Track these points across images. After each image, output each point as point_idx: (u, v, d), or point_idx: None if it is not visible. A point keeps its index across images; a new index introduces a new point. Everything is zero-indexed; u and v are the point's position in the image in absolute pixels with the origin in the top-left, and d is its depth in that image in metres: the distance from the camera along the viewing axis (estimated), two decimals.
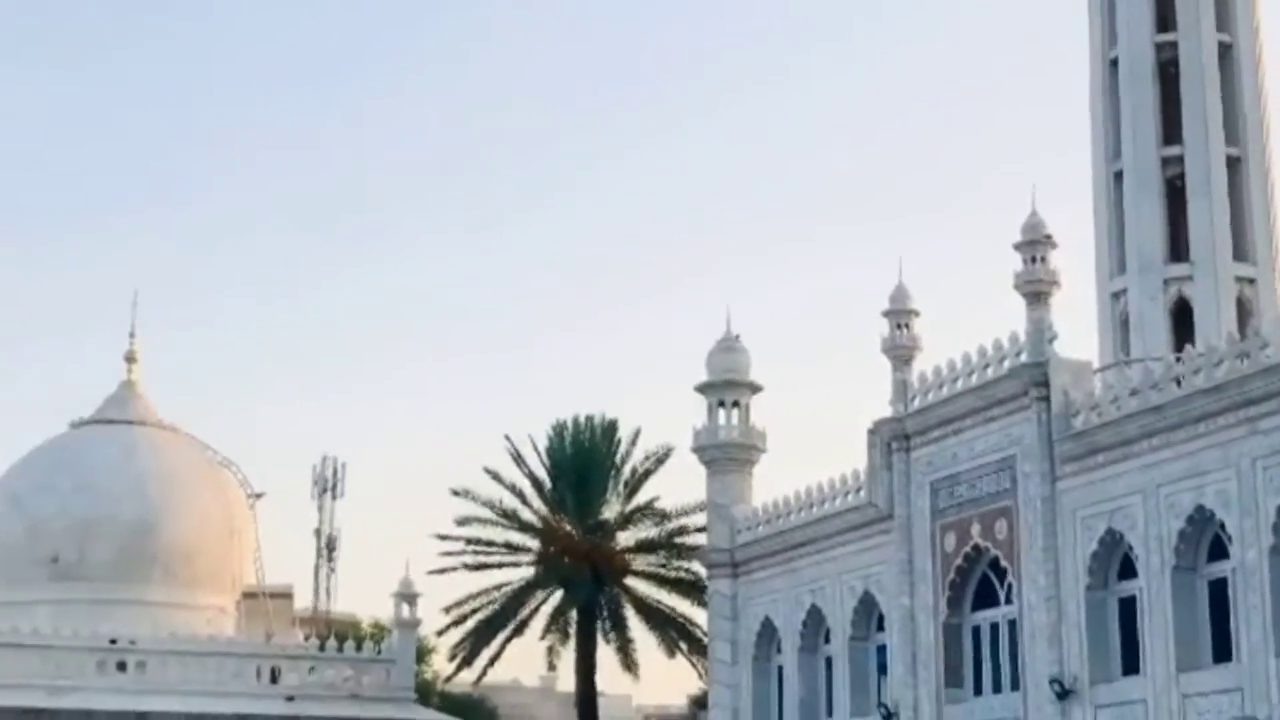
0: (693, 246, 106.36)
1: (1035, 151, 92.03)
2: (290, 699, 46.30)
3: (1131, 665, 30.66)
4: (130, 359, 52.37)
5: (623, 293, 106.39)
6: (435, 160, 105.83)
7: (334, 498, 56.36)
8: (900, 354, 36.64)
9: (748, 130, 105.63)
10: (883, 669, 36.81)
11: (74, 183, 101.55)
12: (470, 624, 50.51)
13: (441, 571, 50.31)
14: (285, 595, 58.51)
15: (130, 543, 48.27)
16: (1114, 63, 39.87)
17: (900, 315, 37.09)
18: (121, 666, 45.55)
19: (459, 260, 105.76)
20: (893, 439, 35.85)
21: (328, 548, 56.21)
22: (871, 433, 36.51)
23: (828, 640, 38.57)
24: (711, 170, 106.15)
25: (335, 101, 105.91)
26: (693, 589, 48.64)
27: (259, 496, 52.54)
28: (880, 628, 37.01)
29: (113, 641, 45.48)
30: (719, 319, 42.74)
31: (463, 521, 50.18)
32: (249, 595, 52.53)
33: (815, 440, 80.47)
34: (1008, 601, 33.34)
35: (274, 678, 47.12)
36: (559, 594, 50.22)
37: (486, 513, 50.45)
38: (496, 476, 50.63)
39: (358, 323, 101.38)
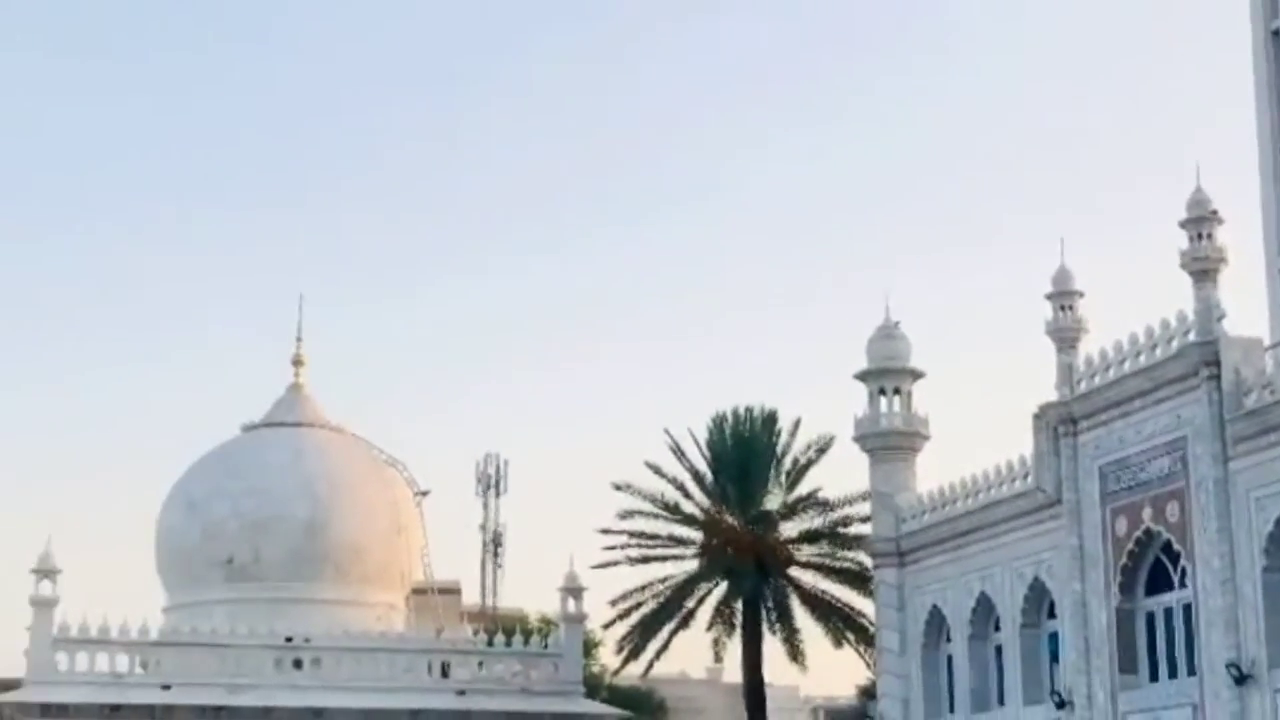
0: (851, 234, 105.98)
1: (1198, 126, 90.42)
2: (461, 693, 46.97)
3: None
4: (297, 362, 53.28)
5: (781, 282, 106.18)
6: (595, 152, 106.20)
7: (498, 494, 57.62)
8: (1065, 336, 36.22)
9: (907, 116, 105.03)
10: (1055, 656, 36.47)
11: (240, 186, 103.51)
12: (636, 617, 50.26)
13: (605, 566, 50.44)
14: (453, 591, 58.77)
15: (302, 542, 49.27)
16: (1276, 33, 39.12)
17: (1064, 297, 36.65)
18: (297, 664, 46.53)
19: (618, 253, 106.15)
20: (1060, 423, 35.43)
21: (493, 543, 57.34)
22: (1037, 417, 36.14)
23: (998, 628, 38.16)
24: (869, 158, 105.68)
25: (493, 93, 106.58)
26: (858, 579, 48.17)
27: (425, 494, 52.91)
28: (1051, 614, 36.62)
29: (288, 640, 46.43)
30: (878, 305, 42.61)
31: (625, 515, 50.07)
32: (417, 591, 52.77)
33: (979, 426, 79.69)
34: (1181, 585, 32.79)
35: (444, 673, 47.78)
36: (723, 586, 49.97)
37: (649, 506, 50.35)
38: (658, 470, 50.48)
39: (518, 318, 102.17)
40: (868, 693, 58.49)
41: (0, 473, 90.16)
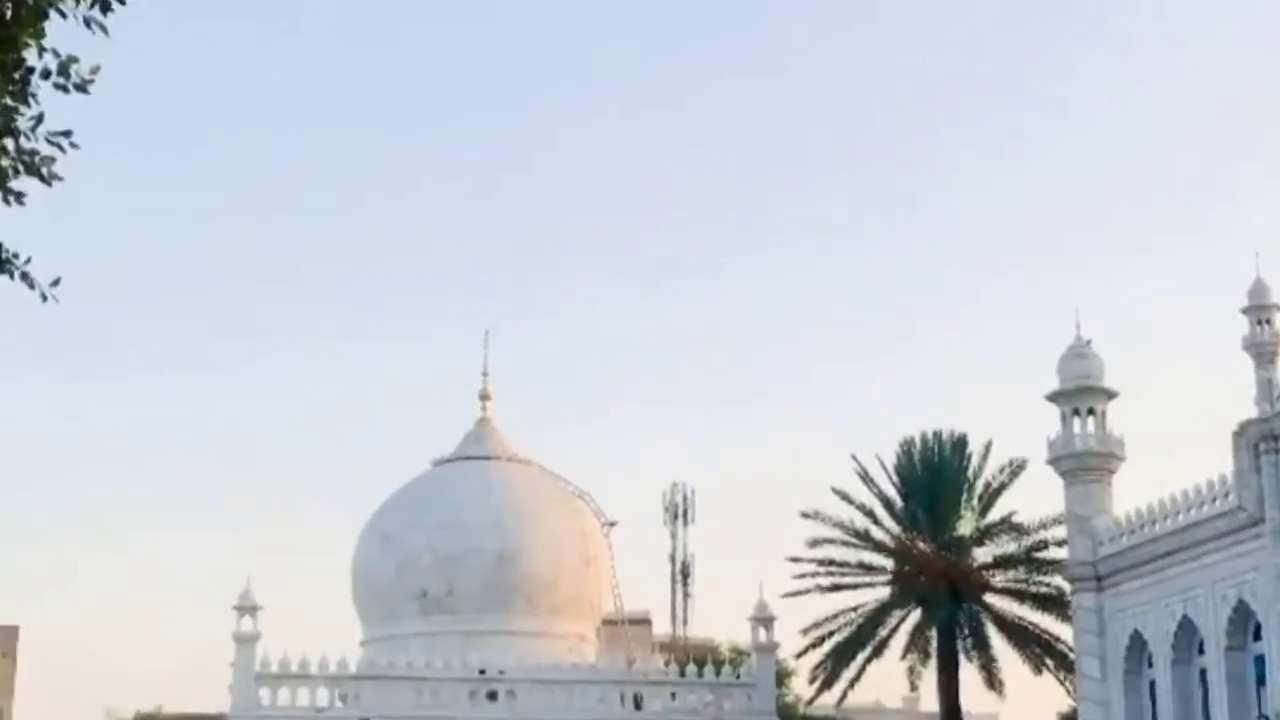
0: (1039, 250, 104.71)
1: None
2: None
3: None
4: (484, 396, 54.25)
5: (969, 302, 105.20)
6: (775, 170, 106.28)
7: (685, 523, 56.54)
8: (1263, 351, 35.59)
9: (1092, 128, 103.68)
10: (1261, 679, 35.83)
11: (423, 223, 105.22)
12: (828, 646, 49.95)
13: (796, 594, 50.00)
14: (643, 621, 59.03)
15: (493, 574, 50.13)
16: None
17: (1260, 311, 36.03)
18: (492, 696, 47.21)
19: (801, 277, 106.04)
20: (1261, 440, 34.84)
21: (682, 573, 56.31)
22: (1237, 435, 35.53)
23: (1201, 651, 37.65)
24: (1055, 173, 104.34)
25: (677, 117, 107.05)
26: (1056, 604, 47.58)
27: (612, 524, 53.53)
28: (1257, 636, 36.02)
29: (482, 672, 47.19)
30: (1068, 323, 42.31)
31: (814, 543, 49.77)
32: (608, 622, 53.36)
33: (1177, 444, 78.22)
34: None
35: (637, 704, 48.00)
36: (917, 613, 49.68)
37: (838, 534, 50.05)
38: (846, 497, 50.17)
39: (702, 345, 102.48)
40: None
41: (202, 513, 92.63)
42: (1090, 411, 41.68)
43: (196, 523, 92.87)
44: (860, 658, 49.26)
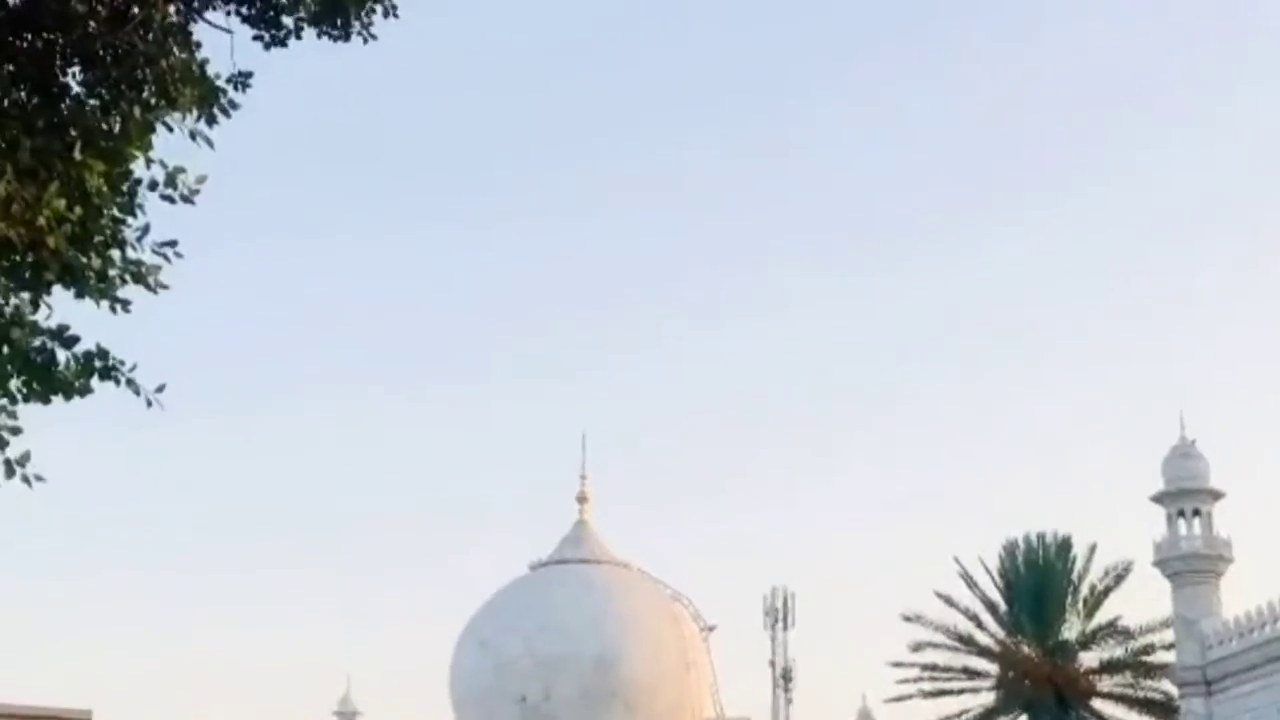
0: (1140, 348, 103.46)
1: None
2: None
3: None
4: (582, 499, 54.46)
5: (1071, 399, 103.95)
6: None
7: (786, 627, 54.62)
8: None
9: (1192, 234, 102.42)
10: None
11: (520, 327, 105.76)
12: None
13: (899, 699, 49.12)
14: None
15: (592, 680, 50.14)
16: None
17: None
18: None
19: (905, 373, 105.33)
20: None
21: (783, 678, 54.54)
22: None
23: None
24: (1159, 277, 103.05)
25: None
26: (1164, 709, 46.33)
27: (712, 629, 53.49)
28: None
29: None
30: (1173, 424, 41.86)
31: (917, 647, 49.12)
32: None
33: None
34: None
35: None
36: None
37: (941, 638, 49.35)
38: (949, 600, 49.54)
39: (799, 447, 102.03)
40: None
41: (301, 617, 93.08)
42: (1196, 513, 41.19)
43: (292, 619, 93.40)
44: None
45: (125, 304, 9.26)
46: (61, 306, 9.31)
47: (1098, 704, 48.38)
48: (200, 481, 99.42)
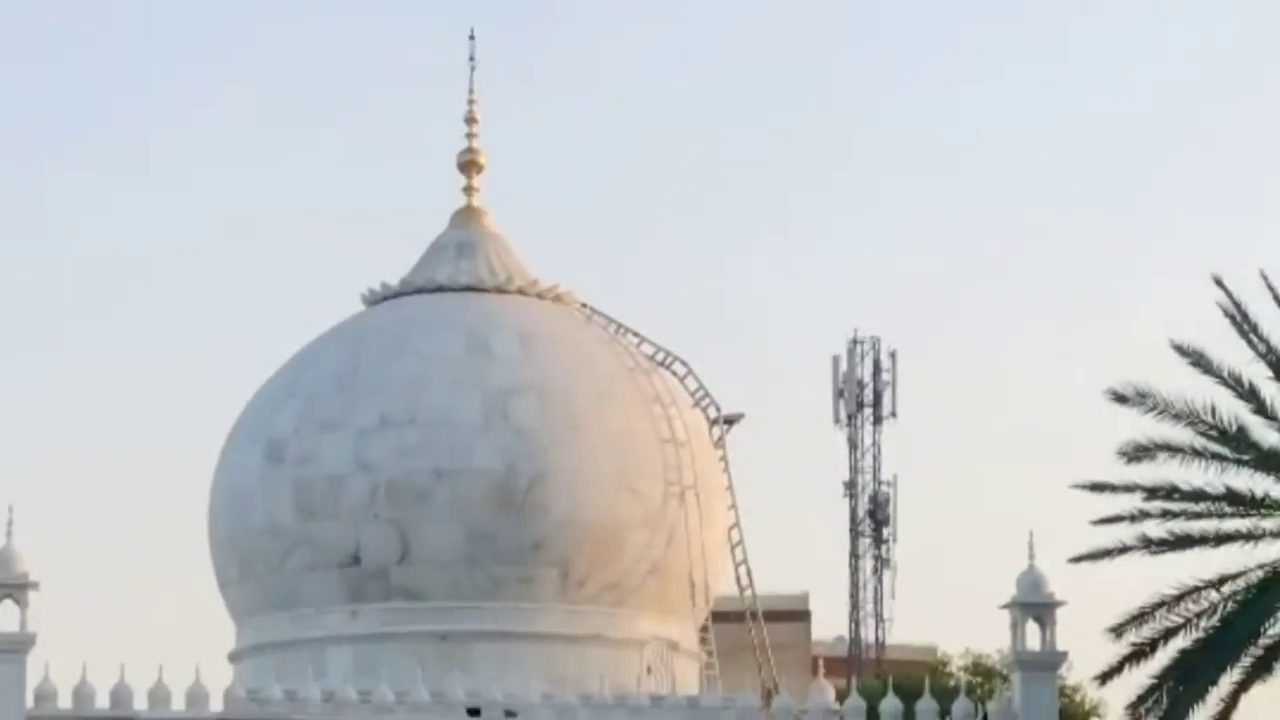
0: None
1: None
2: None
3: None
4: (470, 164, 37.43)
5: None
6: None
7: (876, 421, 46.55)
8: None
9: None
10: None
11: None
12: (1163, 657, 35.09)
13: (1097, 557, 35.18)
14: (795, 616, 47.58)
15: (495, 523, 35.31)
16: None
17: None
18: None
19: None
20: None
21: (872, 518, 44.56)
22: None
23: None
24: None
25: None
26: None
27: (733, 422, 39.96)
28: None
29: (474, 713, 33.13)
30: None
31: (1135, 454, 34.64)
32: (722, 616, 39.00)
33: None
34: None
35: None
36: None
37: (1185, 435, 35.01)
38: (1201, 361, 34.78)
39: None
40: None
41: None
42: None
43: None
44: (1227, 680, 34.82)
45: None
46: None
47: None
48: None
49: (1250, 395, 35.19)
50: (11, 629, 30.12)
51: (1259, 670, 35.00)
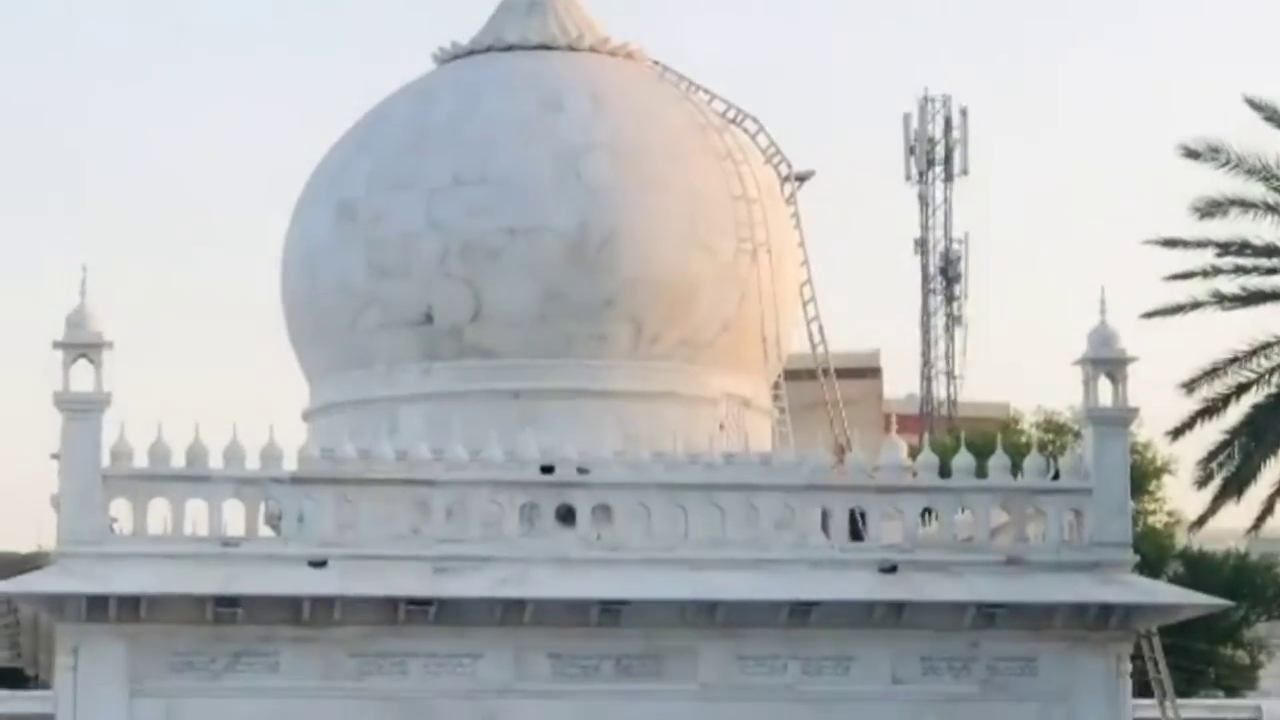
0: None
1: None
2: (889, 570, 30.44)
3: None
4: None
5: None
6: None
7: (948, 179, 44.30)
8: None
9: None
10: None
11: None
12: (1235, 416, 34.68)
13: (1170, 313, 34.36)
14: (866, 374, 46.38)
15: (567, 280, 34.29)
16: None
17: None
18: (565, 515, 30.71)
19: None
20: None
21: (944, 275, 43.27)
22: None
23: None
24: None
25: None
26: None
27: (803, 180, 37.92)
28: None
29: (547, 469, 31.38)
30: None
31: (1208, 209, 33.87)
32: (795, 375, 37.28)
33: None
34: None
35: (855, 530, 31.43)
36: None
37: (1260, 191, 34.13)
38: (1274, 116, 33.60)
39: None
40: None
41: None
42: None
43: None
44: None
45: None
46: None
47: None
48: None
49: None
50: (86, 389, 29.06)
51: None
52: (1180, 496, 46.22)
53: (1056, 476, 31.79)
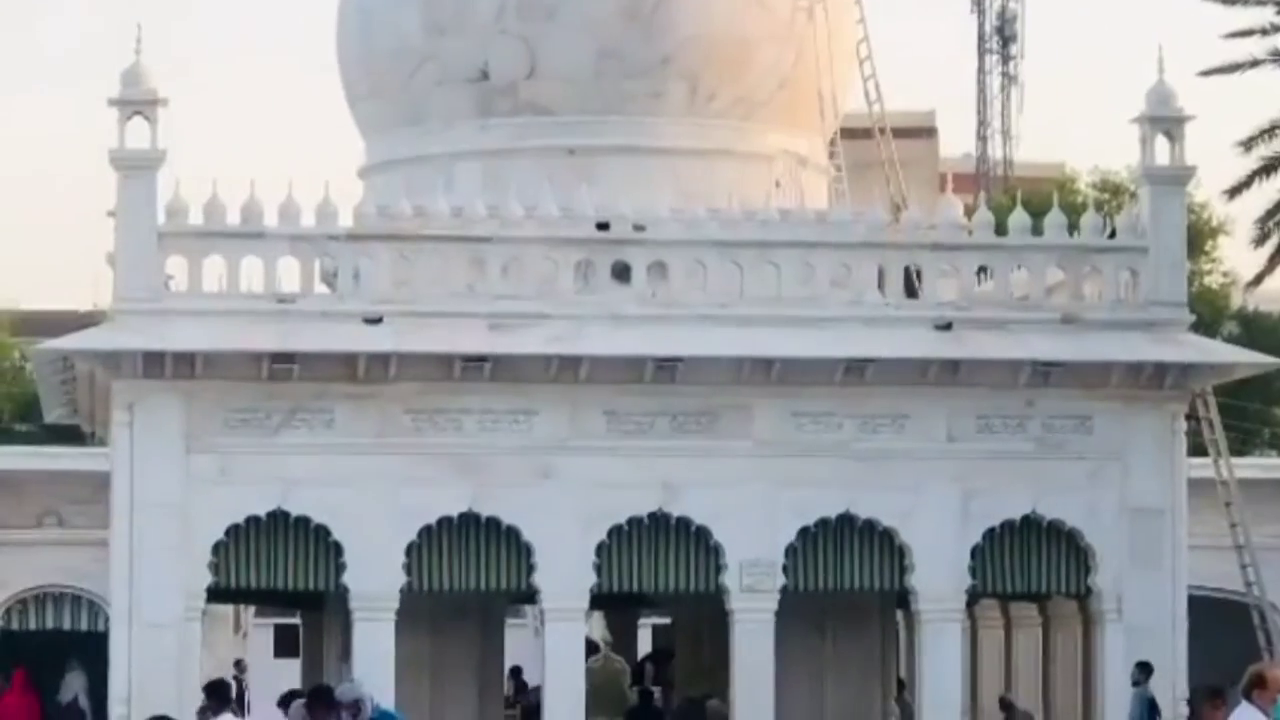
0: None
1: None
2: (945, 327, 29.28)
3: None
4: None
5: None
6: None
7: None
8: None
9: None
10: None
11: None
12: None
13: (1226, 70, 33.11)
14: (922, 133, 44.40)
15: (620, 37, 32.13)
16: None
17: None
18: (621, 272, 29.57)
19: None
20: None
21: (999, 35, 41.93)
22: None
23: None
24: None
25: None
26: None
27: None
28: None
29: (603, 226, 30.14)
30: None
31: None
32: (851, 134, 35.78)
33: None
34: None
35: (910, 287, 30.11)
36: None
37: None
38: None
39: None
40: None
41: None
42: None
43: None
44: None
45: None
46: None
47: None
48: None
49: None
50: (142, 145, 27.89)
51: None
52: (1236, 257, 44.23)
53: (1113, 235, 30.33)
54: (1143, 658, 27.98)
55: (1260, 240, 34.56)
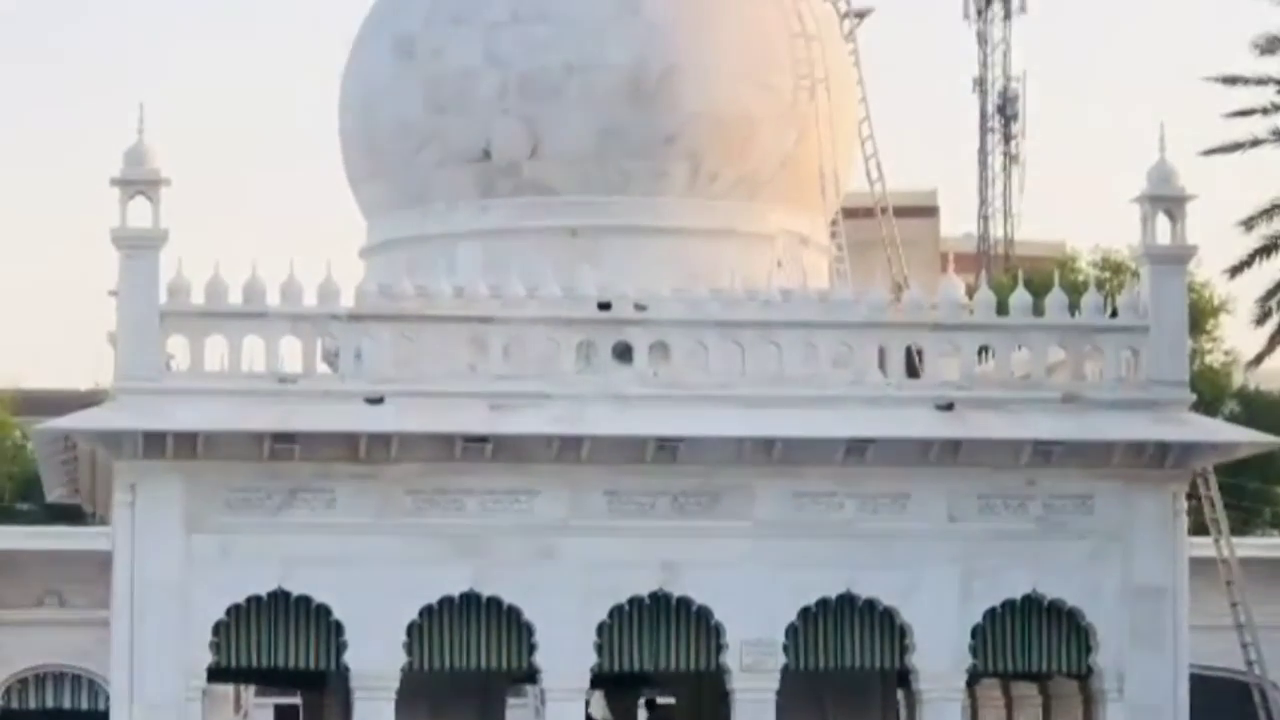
0: None
1: None
2: (946, 407, 28.99)
3: None
4: None
5: None
6: None
7: (1007, 16, 42.62)
8: None
9: None
10: None
11: None
12: None
13: (1230, 150, 33.36)
14: (923, 212, 44.22)
15: (624, 116, 32.18)
16: None
17: None
18: (623, 352, 29.30)
19: None
20: None
21: (1001, 114, 42.04)
22: None
23: None
24: None
25: None
26: None
27: (863, 17, 35.42)
28: None
29: (604, 306, 29.92)
30: None
31: (1269, 47, 32.80)
32: (853, 213, 35.22)
33: None
34: None
35: (912, 367, 30.02)
36: None
37: None
38: None
39: None
40: None
41: None
42: None
43: None
44: None
45: None
46: None
47: None
48: None
49: None
50: (144, 225, 27.70)
51: None
52: (1237, 336, 43.96)
53: (1114, 314, 30.14)
54: None
55: (1261, 319, 34.40)
